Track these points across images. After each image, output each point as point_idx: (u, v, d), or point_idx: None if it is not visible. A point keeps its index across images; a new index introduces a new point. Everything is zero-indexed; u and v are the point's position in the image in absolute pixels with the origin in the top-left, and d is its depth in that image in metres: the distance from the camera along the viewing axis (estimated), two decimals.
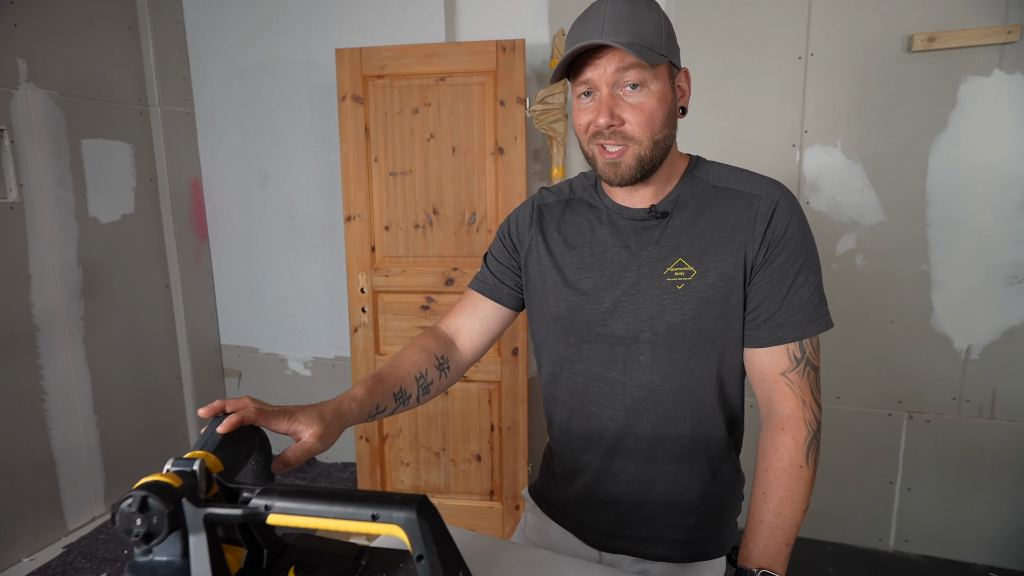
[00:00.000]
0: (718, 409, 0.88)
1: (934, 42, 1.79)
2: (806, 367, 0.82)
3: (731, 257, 0.82)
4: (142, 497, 0.50)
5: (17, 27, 2.00)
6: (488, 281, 1.01)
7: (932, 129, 1.87)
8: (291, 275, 2.68)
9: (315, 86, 2.47)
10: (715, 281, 0.82)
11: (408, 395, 0.89)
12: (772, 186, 0.84)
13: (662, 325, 0.84)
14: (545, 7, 2.16)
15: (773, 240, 0.81)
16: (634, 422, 0.88)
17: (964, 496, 2.00)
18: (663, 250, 0.85)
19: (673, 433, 0.88)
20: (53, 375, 2.16)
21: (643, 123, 0.79)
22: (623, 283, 0.87)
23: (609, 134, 0.80)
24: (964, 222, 1.89)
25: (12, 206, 2.01)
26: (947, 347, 1.96)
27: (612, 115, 0.79)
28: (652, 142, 0.81)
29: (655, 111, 0.80)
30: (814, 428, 0.80)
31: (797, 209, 0.83)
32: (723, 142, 2.04)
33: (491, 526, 2.17)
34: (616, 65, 0.78)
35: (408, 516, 0.49)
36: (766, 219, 0.82)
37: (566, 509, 1.00)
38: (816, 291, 0.82)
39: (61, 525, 2.20)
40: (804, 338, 0.81)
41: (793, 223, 0.82)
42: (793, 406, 0.81)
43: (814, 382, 0.82)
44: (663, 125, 0.81)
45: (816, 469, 0.80)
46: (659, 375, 0.86)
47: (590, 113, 0.81)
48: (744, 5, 1.96)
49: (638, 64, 0.78)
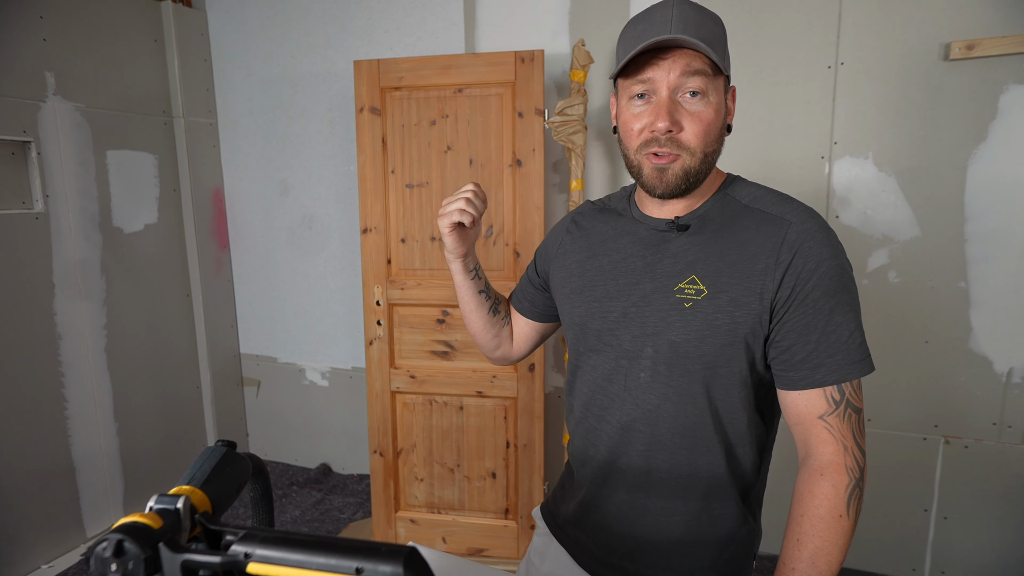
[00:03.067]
0: (718, 444, 0.81)
1: (973, 50, 1.71)
2: (847, 410, 0.75)
3: (747, 283, 0.77)
4: (118, 541, 0.48)
5: (46, 41, 2.04)
6: (517, 296, 1.12)
7: (971, 140, 1.78)
8: (309, 285, 2.68)
9: (335, 97, 2.47)
10: (724, 305, 0.77)
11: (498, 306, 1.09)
12: (806, 214, 0.78)
13: (664, 342, 0.80)
14: (565, 18, 2.13)
15: (803, 274, 0.75)
16: (628, 442, 0.85)
17: (1004, 527, 1.89)
18: (679, 264, 0.81)
19: (667, 462, 0.83)
20: (75, 383, 2.18)
21: (700, 133, 0.76)
22: (634, 294, 0.83)
23: (665, 141, 0.76)
24: (1005, 237, 1.79)
25: (38, 216, 2.04)
26: (987, 369, 1.86)
27: (672, 120, 0.75)
28: (704, 154, 0.77)
29: (712, 122, 0.77)
30: (857, 475, 0.74)
31: (832, 242, 0.77)
32: (749, 153, 1.98)
33: (505, 545, 2.13)
34: (682, 69, 0.74)
35: (395, 571, 0.46)
36: (793, 248, 0.76)
37: (564, 525, 0.98)
38: (855, 331, 0.75)
39: (80, 532, 2.22)
40: (844, 381, 0.74)
41: (827, 256, 0.75)
42: (833, 451, 0.74)
43: (856, 425, 0.75)
44: (716, 139, 0.78)
45: (857, 519, 0.74)
46: (657, 396, 0.82)
47: (647, 116, 0.77)
48: (771, 13, 1.90)
49: (702, 72, 0.74)
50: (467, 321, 1.09)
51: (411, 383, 2.12)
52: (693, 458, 0.82)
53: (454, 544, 2.16)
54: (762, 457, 0.87)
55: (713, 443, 0.82)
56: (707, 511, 0.84)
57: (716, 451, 0.82)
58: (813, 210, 0.80)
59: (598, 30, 2.08)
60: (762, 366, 0.81)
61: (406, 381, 2.12)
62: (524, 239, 1.99)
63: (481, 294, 1.05)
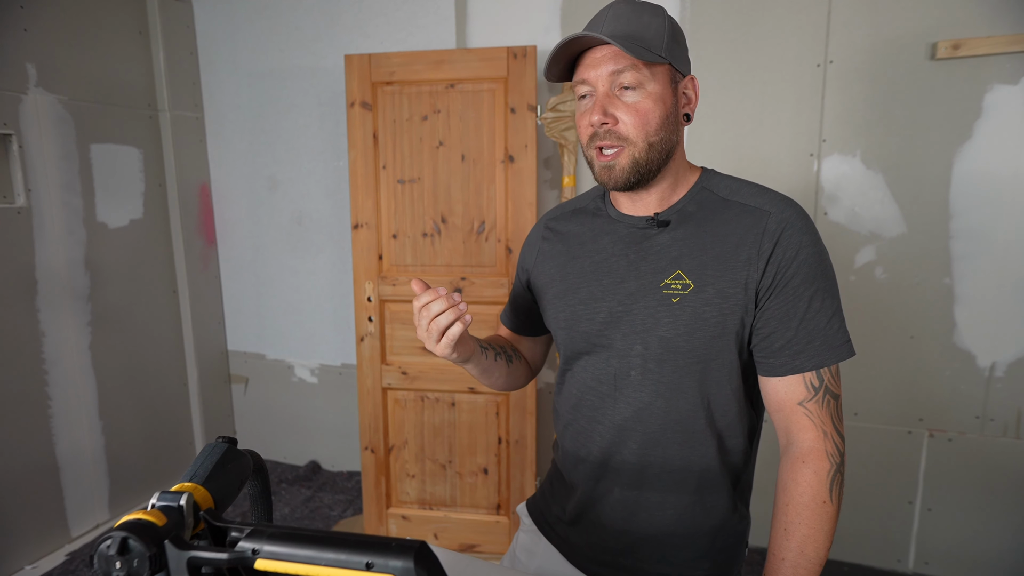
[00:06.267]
0: (709, 436, 0.83)
1: (959, 49, 1.73)
2: (825, 396, 0.77)
3: (732, 275, 0.78)
4: (122, 538, 0.47)
5: (27, 32, 1.99)
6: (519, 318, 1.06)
7: (956, 139, 1.81)
8: (298, 281, 2.66)
9: (324, 92, 2.45)
10: (711, 297, 0.78)
11: (510, 355, 1.01)
12: (784, 203, 0.80)
13: (654, 339, 0.81)
14: (557, 13, 2.13)
15: (783, 262, 0.77)
16: (621, 441, 0.85)
17: (987, 518, 1.93)
18: (663, 261, 0.82)
19: (660, 457, 0.84)
20: (59, 380, 2.14)
21: (637, 123, 0.78)
22: (620, 293, 0.84)
23: (604, 134, 0.79)
24: (989, 234, 1.83)
25: (20, 211, 2.00)
26: (970, 364, 1.89)
27: (605, 113, 0.78)
28: (647, 144, 0.79)
29: (650, 111, 0.78)
30: (837, 461, 0.76)
31: (811, 229, 0.79)
32: (739, 151, 2.00)
33: (497, 540, 2.13)
34: (612, 67, 0.77)
35: (405, 566, 0.45)
36: (774, 237, 0.77)
37: (554, 524, 0.98)
38: (834, 317, 0.78)
39: (64, 532, 2.18)
40: (823, 367, 0.76)
41: (806, 244, 0.77)
42: (813, 437, 0.76)
43: (835, 411, 0.78)
44: (659, 127, 0.79)
45: (840, 503, 0.76)
46: (648, 393, 0.83)
47: (588, 114, 0.80)
48: (762, 12, 1.92)
49: (633, 65, 0.76)
50: (493, 386, 1.03)
51: (403, 379, 2.11)
52: (686, 452, 0.83)
53: (446, 540, 2.16)
54: (752, 444, 0.89)
55: (706, 436, 0.83)
56: (700, 503, 0.85)
57: (709, 443, 0.83)
58: (790, 199, 0.81)
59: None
60: (748, 354, 0.83)
61: (398, 377, 2.12)
62: (516, 235, 1.99)
63: (499, 360, 0.98)
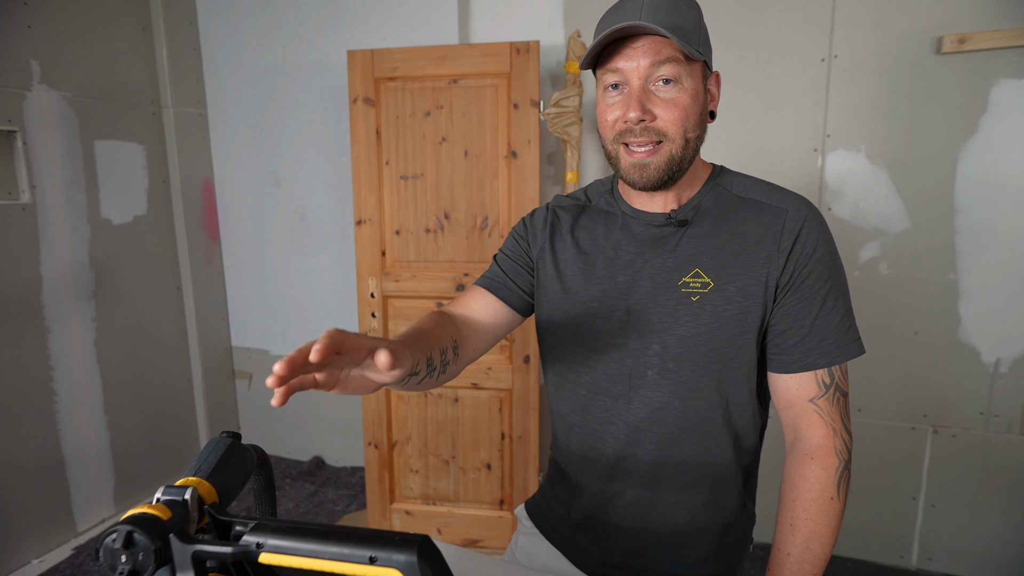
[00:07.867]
0: (726, 435, 0.82)
1: (965, 43, 1.72)
2: (835, 393, 0.77)
3: (752, 272, 0.77)
4: (128, 532, 0.47)
5: (31, 28, 2.00)
6: (498, 279, 0.92)
7: (962, 133, 1.80)
8: (302, 278, 2.66)
9: (327, 88, 2.45)
10: (732, 296, 0.77)
11: (433, 367, 0.75)
12: (800, 201, 0.80)
13: (672, 338, 0.79)
14: (560, 8, 2.12)
15: (801, 259, 0.76)
16: (636, 442, 0.83)
17: (991, 514, 1.93)
18: (680, 259, 0.80)
19: (676, 457, 0.83)
20: (64, 376, 2.15)
21: (677, 120, 0.74)
22: (636, 292, 0.82)
23: (640, 131, 0.75)
24: (994, 230, 1.82)
25: (24, 207, 2.01)
26: (975, 360, 1.89)
27: (644, 109, 0.73)
28: (685, 140, 0.75)
29: (689, 108, 0.75)
30: (845, 458, 0.76)
31: (825, 228, 0.79)
32: (743, 145, 1.99)
33: (500, 536, 2.14)
34: (652, 58, 0.73)
35: (409, 559, 0.46)
36: (793, 235, 0.77)
37: (558, 527, 0.96)
38: (847, 315, 0.78)
39: (71, 526, 2.20)
40: (835, 364, 0.76)
41: (822, 242, 0.77)
42: (823, 434, 0.76)
43: (844, 408, 0.78)
44: (696, 124, 0.76)
45: (847, 500, 0.76)
46: (665, 393, 0.81)
47: (618, 108, 0.76)
48: (766, 6, 1.91)
49: (674, 59, 0.72)
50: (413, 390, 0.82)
51: None
52: (702, 451, 0.82)
53: (449, 535, 2.17)
54: (760, 440, 0.89)
55: (722, 435, 0.82)
56: (713, 502, 0.85)
57: (725, 442, 0.82)
58: (804, 197, 0.81)
59: (593, 21, 2.07)
60: (759, 352, 0.82)
61: None
62: None
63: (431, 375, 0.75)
